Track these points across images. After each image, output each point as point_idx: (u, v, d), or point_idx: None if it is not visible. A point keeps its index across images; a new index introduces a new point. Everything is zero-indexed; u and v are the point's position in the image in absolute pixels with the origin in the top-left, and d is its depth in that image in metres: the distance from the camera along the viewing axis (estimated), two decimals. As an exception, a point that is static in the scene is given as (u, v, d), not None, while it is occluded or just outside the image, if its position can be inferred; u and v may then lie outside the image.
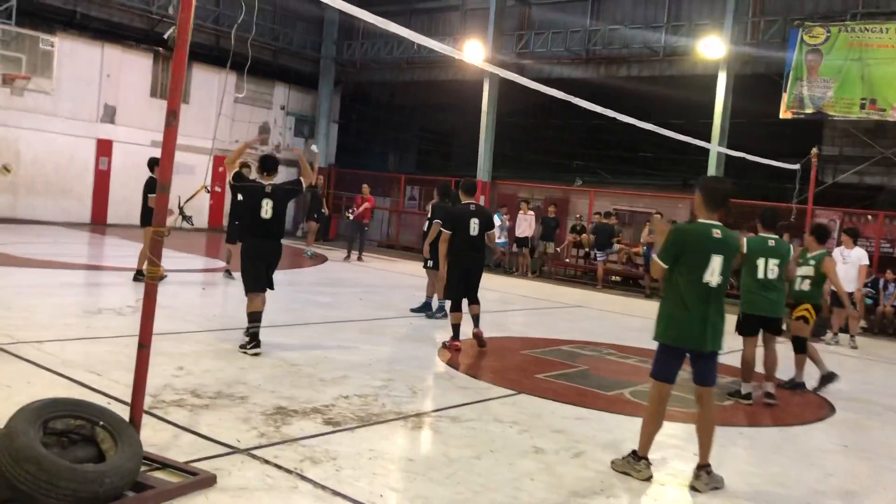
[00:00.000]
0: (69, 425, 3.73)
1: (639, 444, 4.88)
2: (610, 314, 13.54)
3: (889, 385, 9.54)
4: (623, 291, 17.52)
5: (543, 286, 16.99)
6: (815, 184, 13.83)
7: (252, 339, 7.15)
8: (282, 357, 7.09)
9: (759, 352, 7.31)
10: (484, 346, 8.47)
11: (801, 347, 8.02)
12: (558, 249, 19.09)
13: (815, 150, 13.08)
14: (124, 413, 4.19)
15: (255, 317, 7.27)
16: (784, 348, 7.84)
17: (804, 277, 8.10)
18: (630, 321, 12.65)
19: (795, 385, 8.04)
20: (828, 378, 7.95)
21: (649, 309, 14.02)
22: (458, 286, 8.56)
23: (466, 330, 8.54)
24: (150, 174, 10.91)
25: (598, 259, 18.06)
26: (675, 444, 5.58)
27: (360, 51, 24.49)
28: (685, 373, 4.99)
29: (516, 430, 5.57)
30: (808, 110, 16.52)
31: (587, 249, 18.94)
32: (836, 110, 16.26)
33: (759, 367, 7.37)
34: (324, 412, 5.49)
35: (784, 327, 7.67)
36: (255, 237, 7.39)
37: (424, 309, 10.66)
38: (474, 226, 8.57)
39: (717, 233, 4.76)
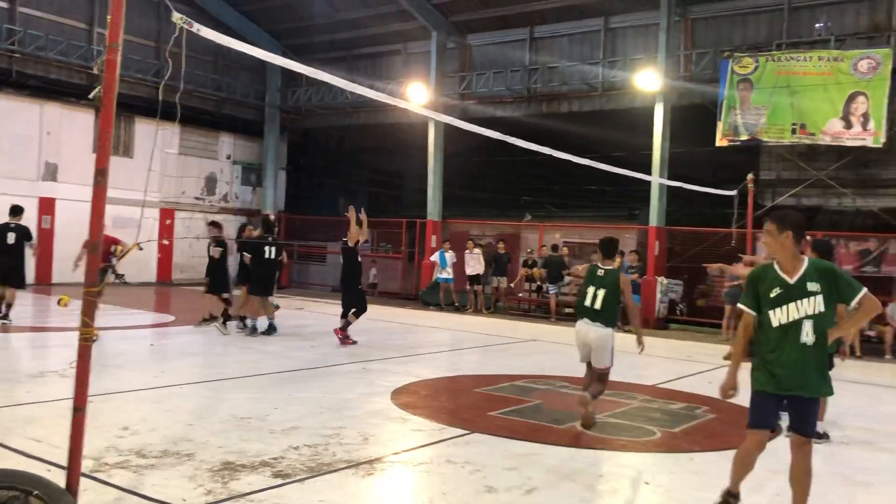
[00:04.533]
0: (1, 497, 3.62)
1: None
2: (564, 346, 13.60)
3: (838, 403, 9.70)
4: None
5: (497, 322, 17.07)
6: (753, 208, 14.21)
7: None
8: (230, 411, 6.99)
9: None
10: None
11: None
12: (511, 285, 19.23)
13: (750, 176, 13.48)
14: (64, 479, 4.08)
15: None
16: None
17: None
18: (583, 353, 12.74)
19: None
20: None
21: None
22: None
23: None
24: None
25: (551, 292, 18.25)
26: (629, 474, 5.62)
27: (305, 97, 24.59)
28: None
29: (468, 471, 5.56)
30: (743, 137, 17.03)
31: (539, 283, 19.11)
32: (769, 136, 16.80)
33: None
34: (273, 465, 5.41)
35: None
36: None
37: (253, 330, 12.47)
38: (269, 251, 12.37)
39: None
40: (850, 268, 16.82)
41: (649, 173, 17.43)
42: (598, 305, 6.96)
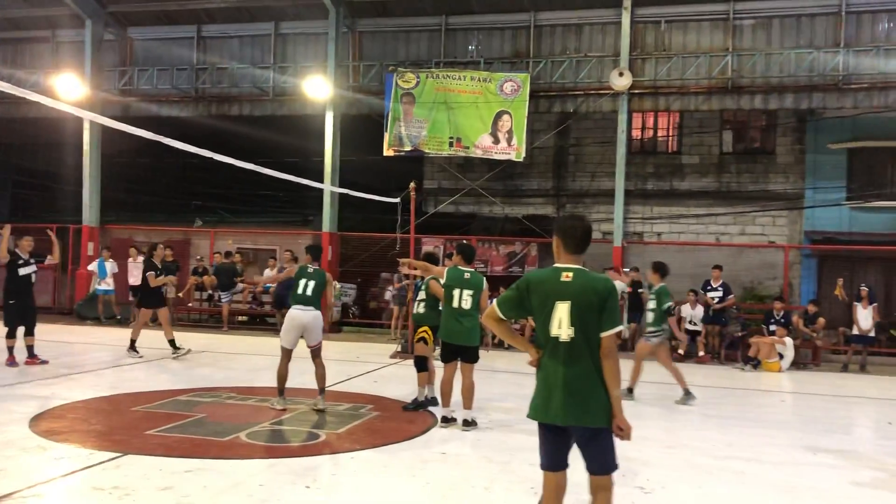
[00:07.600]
0: None
1: None
2: (236, 356, 13.30)
3: (487, 391, 10.69)
4: (250, 331, 17.36)
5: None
6: (417, 214, 15.11)
7: None
8: None
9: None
10: None
11: (422, 366, 8.63)
12: (180, 294, 18.26)
13: (412, 185, 14.29)
14: None
15: None
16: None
17: (420, 301, 8.73)
18: (257, 360, 12.56)
19: (419, 405, 8.55)
20: (423, 404, 8.63)
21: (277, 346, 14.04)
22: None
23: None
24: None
25: (223, 300, 17.72)
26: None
27: (-73, 83, 21.04)
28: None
29: (117, 497, 5.14)
30: (408, 148, 18.09)
31: (210, 291, 18.44)
32: (430, 148, 18.05)
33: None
34: None
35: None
36: None
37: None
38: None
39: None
40: (500, 268, 18.72)
41: (322, 180, 17.72)
42: (308, 292, 8.30)
